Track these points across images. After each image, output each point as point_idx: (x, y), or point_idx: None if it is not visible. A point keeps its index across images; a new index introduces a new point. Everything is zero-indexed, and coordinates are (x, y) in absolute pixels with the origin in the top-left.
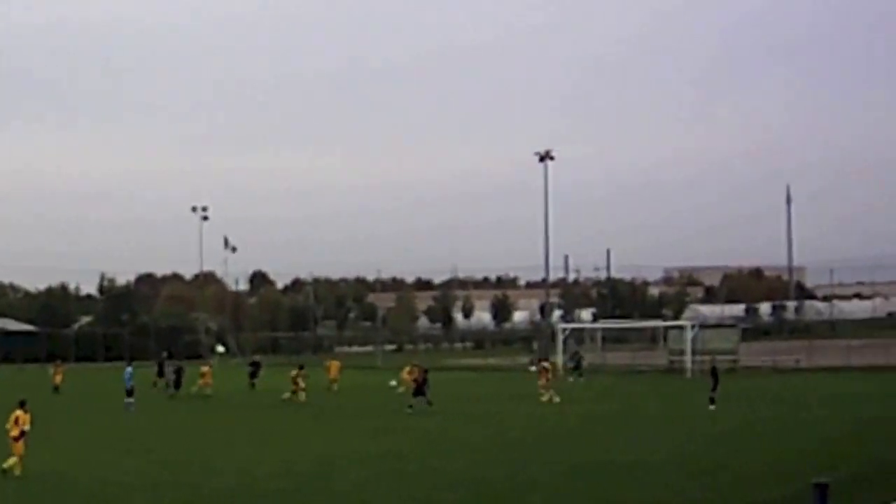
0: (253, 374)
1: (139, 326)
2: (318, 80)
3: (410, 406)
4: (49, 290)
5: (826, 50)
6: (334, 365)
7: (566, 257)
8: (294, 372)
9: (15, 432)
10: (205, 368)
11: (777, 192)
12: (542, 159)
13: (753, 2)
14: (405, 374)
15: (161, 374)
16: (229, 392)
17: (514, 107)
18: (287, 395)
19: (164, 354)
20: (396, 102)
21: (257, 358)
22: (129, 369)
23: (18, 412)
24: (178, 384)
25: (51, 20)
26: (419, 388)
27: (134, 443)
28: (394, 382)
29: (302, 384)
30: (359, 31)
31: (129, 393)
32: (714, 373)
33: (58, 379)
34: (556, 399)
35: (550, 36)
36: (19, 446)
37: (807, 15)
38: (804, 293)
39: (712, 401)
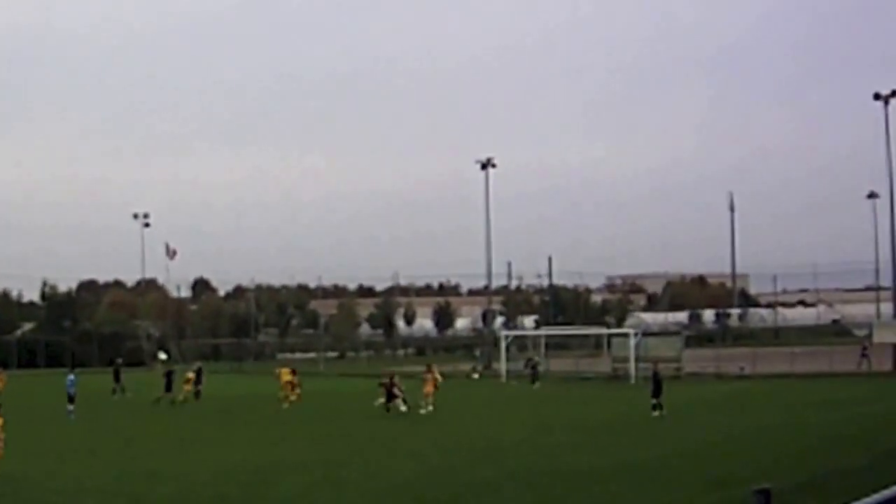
0: (197, 379)
1: (82, 333)
2: (260, 87)
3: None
4: None
5: (767, 54)
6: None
7: (508, 264)
8: (286, 377)
9: None
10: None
11: (719, 199)
12: (483, 167)
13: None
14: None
15: (118, 380)
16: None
17: (456, 114)
18: (283, 395)
19: (119, 361)
20: (337, 111)
21: (199, 364)
22: (72, 377)
23: None
24: (168, 387)
25: None
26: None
27: (77, 451)
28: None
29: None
30: (310, 38)
31: (71, 400)
32: (655, 378)
33: None
34: (430, 409)
35: (502, 47)
36: None
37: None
38: (748, 300)
39: (655, 407)
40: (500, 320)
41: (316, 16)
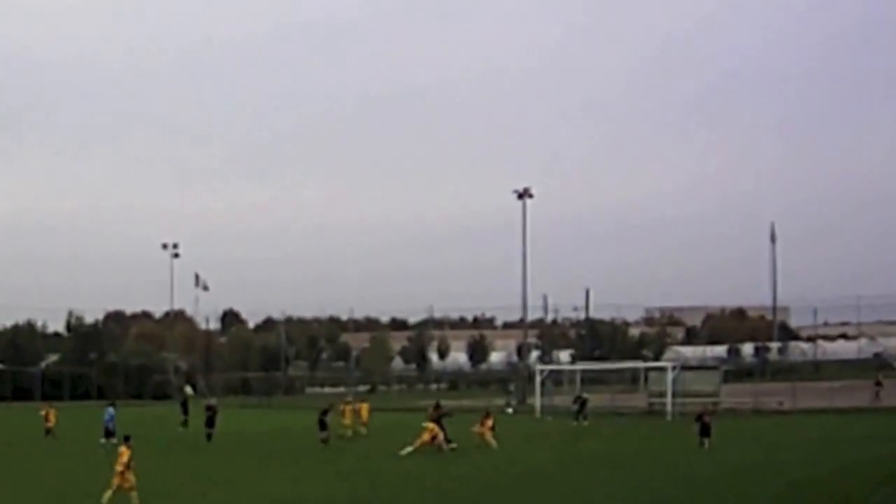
0: (209, 421)
1: (108, 365)
2: (293, 116)
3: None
4: (15, 328)
5: (808, 88)
6: (364, 407)
7: (544, 297)
8: (343, 406)
9: (118, 467)
10: None
11: (761, 231)
12: (520, 197)
13: (741, 45)
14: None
15: (186, 412)
16: (199, 432)
17: (494, 144)
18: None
19: (189, 391)
20: (373, 140)
21: (213, 401)
22: (112, 410)
23: (122, 447)
24: (210, 422)
25: (15, 50)
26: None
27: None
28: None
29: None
30: (336, 66)
31: (110, 434)
32: (701, 418)
33: (52, 420)
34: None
35: (534, 75)
36: (120, 479)
37: (796, 51)
38: (788, 334)
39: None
40: (535, 354)
41: (344, 43)
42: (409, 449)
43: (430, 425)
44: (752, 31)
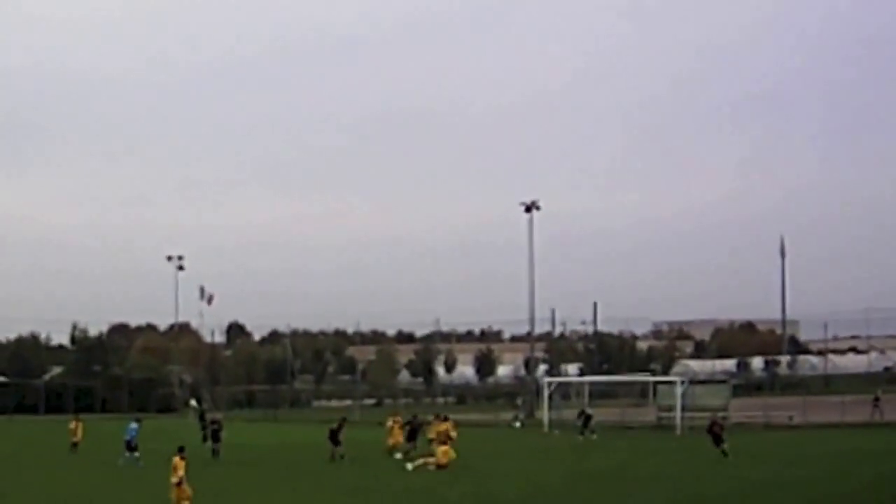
0: (214, 436)
1: (112, 378)
2: (302, 131)
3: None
4: (19, 340)
5: (824, 107)
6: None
7: (552, 310)
8: (391, 422)
9: (175, 479)
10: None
11: (770, 244)
12: (527, 210)
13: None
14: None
15: (206, 428)
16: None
17: (500, 157)
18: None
19: (205, 406)
20: (380, 154)
21: (219, 416)
22: (135, 425)
23: (176, 458)
24: (216, 437)
25: (26, 64)
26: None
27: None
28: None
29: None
30: (348, 82)
31: (132, 448)
32: (712, 430)
33: (79, 435)
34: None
35: (547, 91)
36: (178, 492)
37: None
38: (798, 347)
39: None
40: (543, 368)
41: (353, 59)
42: (412, 465)
43: (444, 448)
44: (771, 55)
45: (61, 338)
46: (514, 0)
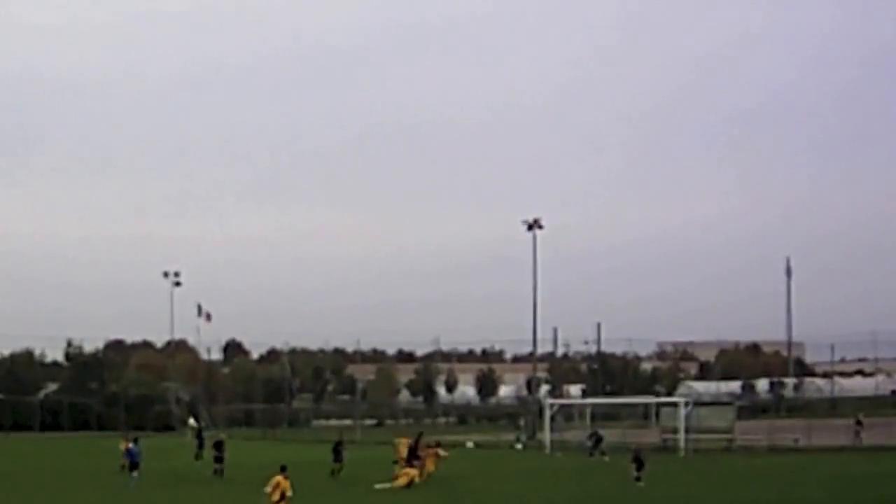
0: (217, 457)
1: (108, 395)
2: (299, 146)
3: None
4: (13, 356)
5: (828, 125)
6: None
7: (555, 330)
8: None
9: (276, 497)
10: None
11: (776, 265)
12: (530, 228)
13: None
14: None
15: (201, 446)
16: (207, 464)
17: (506, 175)
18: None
19: (204, 424)
20: (381, 170)
21: (223, 436)
22: (133, 446)
23: (279, 478)
24: (219, 458)
25: (19, 72)
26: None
27: None
28: None
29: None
30: (346, 94)
31: (134, 467)
32: (637, 458)
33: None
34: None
35: (548, 107)
36: None
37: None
38: (804, 370)
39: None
40: (545, 389)
41: (350, 71)
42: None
43: (411, 471)
44: (773, 68)
45: (56, 354)
46: (513, 13)
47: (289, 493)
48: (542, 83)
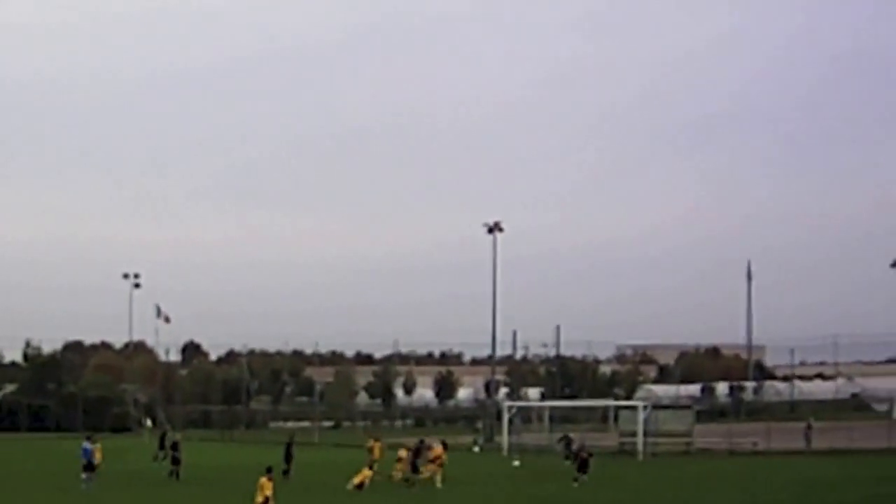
0: (174, 458)
1: (66, 396)
2: (259, 149)
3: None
4: None
5: (788, 129)
6: (377, 446)
7: (514, 333)
8: (370, 443)
9: (259, 498)
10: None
11: (737, 269)
12: (490, 231)
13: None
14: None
15: (162, 447)
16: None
17: (462, 177)
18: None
19: (168, 427)
20: (340, 174)
21: (178, 437)
22: (87, 445)
23: (263, 479)
24: (175, 459)
25: None
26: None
27: None
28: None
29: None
30: (305, 98)
31: (90, 468)
32: (577, 456)
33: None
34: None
35: (508, 110)
36: None
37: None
38: (763, 373)
39: (576, 479)
40: (503, 391)
41: (311, 75)
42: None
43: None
44: (735, 72)
45: (14, 355)
46: (474, 19)
47: (268, 493)
48: (501, 89)
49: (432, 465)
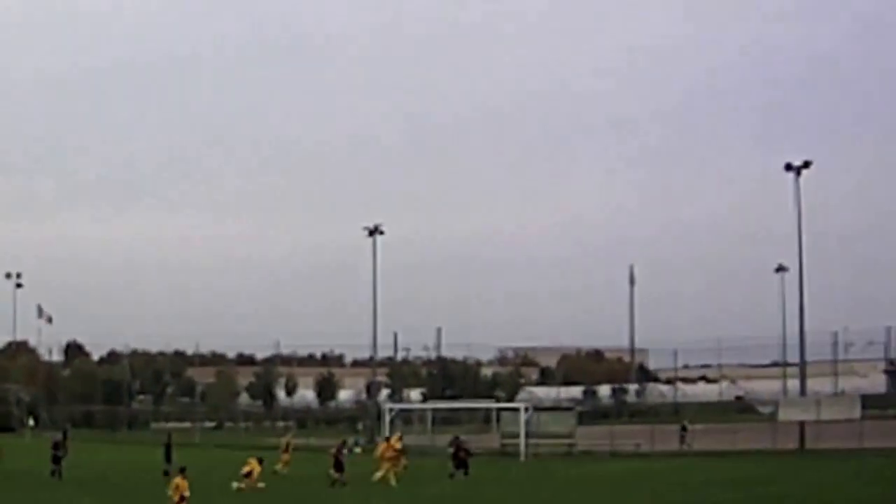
0: (54, 458)
1: None
2: (142, 146)
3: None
4: None
5: (666, 128)
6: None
7: (395, 335)
8: (285, 439)
9: (176, 497)
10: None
11: (619, 271)
12: (371, 234)
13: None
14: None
15: (56, 448)
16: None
17: (342, 182)
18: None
19: (31, 423)
20: (221, 175)
21: (59, 437)
22: None
23: (178, 479)
24: (56, 458)
25: None
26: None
27: None
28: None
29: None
30: (189, 98)
31: None
32: (455, 453)
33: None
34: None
35: (375, 105)
36: None
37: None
38: (646, 376)
39: (453, 475)
40: (385, 393)
41: (199, 77)
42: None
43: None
44: (607, 69)
45: None
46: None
47: (186, 494)
48: (379, 86)
49: (387, 463)
